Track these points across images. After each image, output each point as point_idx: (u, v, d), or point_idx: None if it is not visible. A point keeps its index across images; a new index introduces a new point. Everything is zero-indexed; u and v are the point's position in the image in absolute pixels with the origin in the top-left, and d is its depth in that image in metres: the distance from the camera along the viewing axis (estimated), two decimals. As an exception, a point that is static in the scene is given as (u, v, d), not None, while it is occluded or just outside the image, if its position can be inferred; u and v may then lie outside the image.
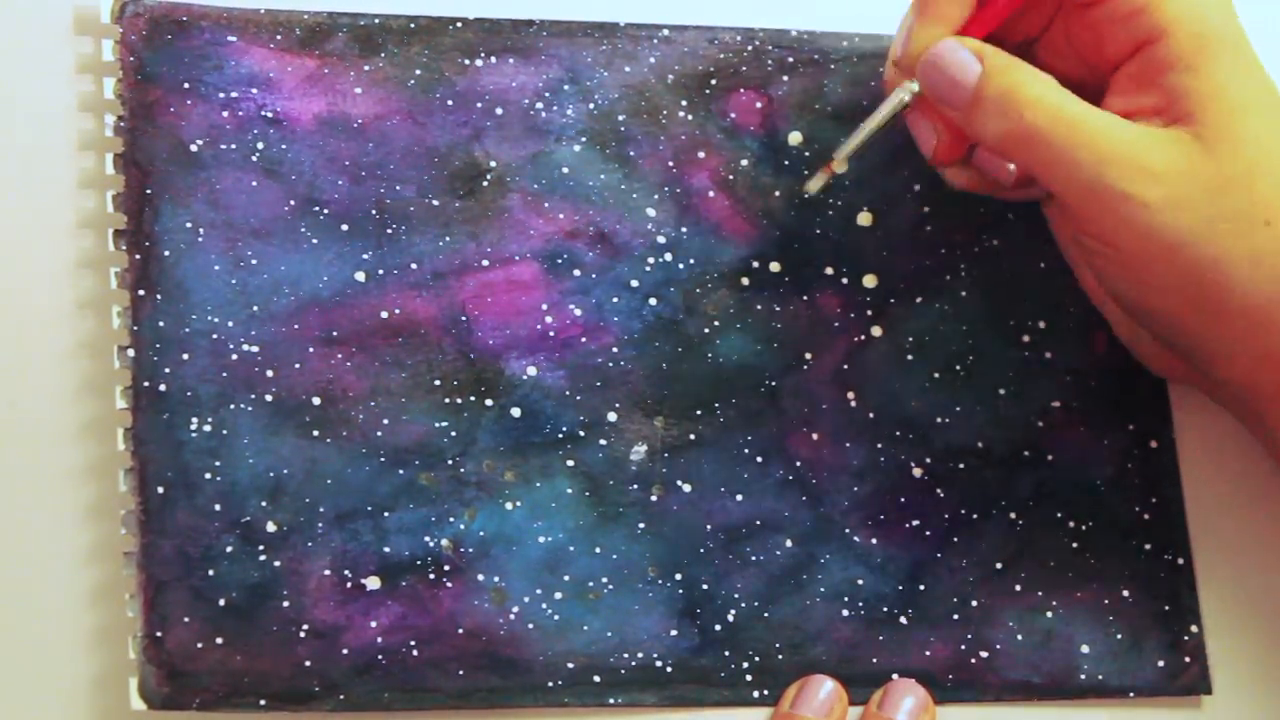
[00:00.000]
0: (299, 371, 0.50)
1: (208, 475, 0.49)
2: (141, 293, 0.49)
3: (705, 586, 0.51)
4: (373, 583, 0.49)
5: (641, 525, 0.51)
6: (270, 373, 0.50)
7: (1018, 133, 0.46)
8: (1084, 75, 0.49)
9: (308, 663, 0.49)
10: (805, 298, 0.53)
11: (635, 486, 0.51)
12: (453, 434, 0.50)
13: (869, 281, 0.53)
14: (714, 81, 0.53)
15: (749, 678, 0.51)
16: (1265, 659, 0.53)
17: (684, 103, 0.53)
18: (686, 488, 0.51)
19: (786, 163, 0.53)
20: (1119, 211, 0.45)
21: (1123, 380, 0.54)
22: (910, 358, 0.53)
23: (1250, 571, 0.54)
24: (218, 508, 0.49)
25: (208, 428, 0.49)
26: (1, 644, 0.49)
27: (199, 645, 0.48)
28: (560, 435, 0.51)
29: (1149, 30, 0.45)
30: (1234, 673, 0.52)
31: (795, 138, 0.54)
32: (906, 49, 0.49)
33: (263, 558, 0.49)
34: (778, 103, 0.54)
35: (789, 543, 0.51)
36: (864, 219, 0.54)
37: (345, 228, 0.51)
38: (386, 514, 0.50)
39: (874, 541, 0.52)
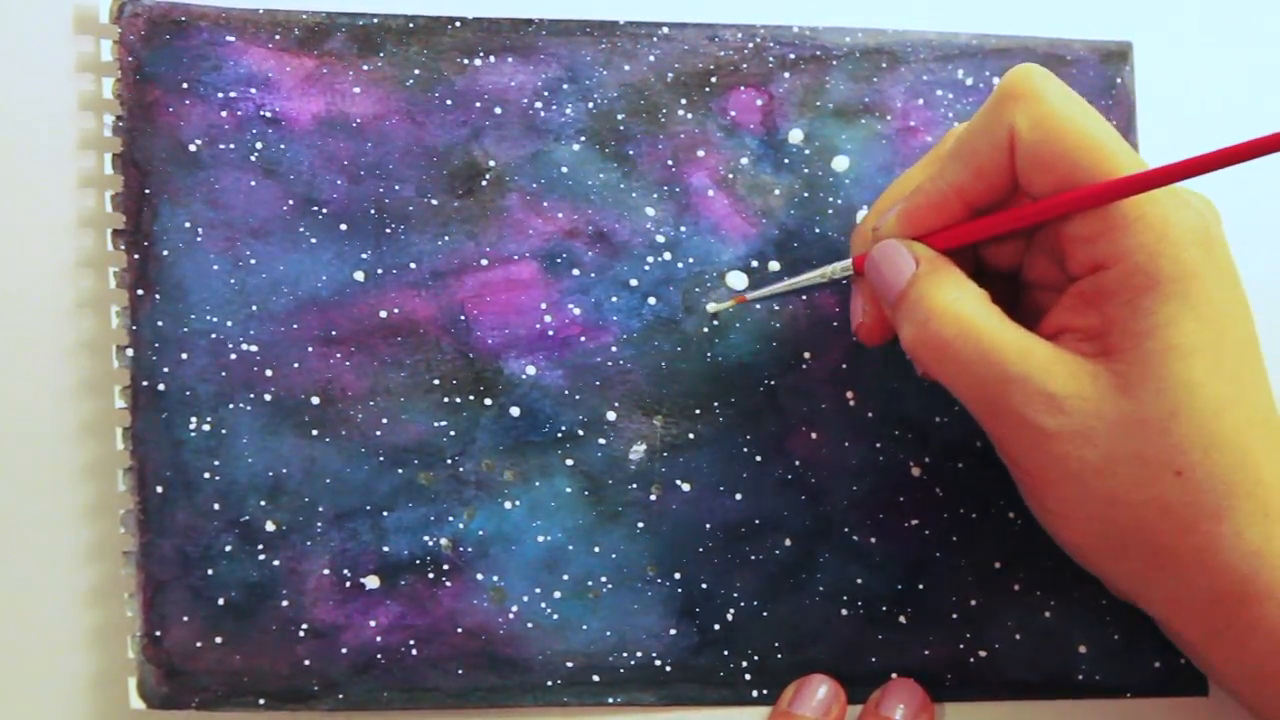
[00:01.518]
0: (298, 371, 0.50)
1: (207, 475, 0.49)
2: (140, 292, 0.49)
3: (704, 585, 0.51)
4: (372, 582, 0.49)
5: (640, 524, 0.51)
6: (269, 372, 0.50)
7: (924, 340, 0.45)
8: (1058, 284, 0.47)
9: (307, 662, 0.49)
10: (804, 297, 0.52)
11: (634, 486, 0.51)
12: (452, 433, 0.50)
13: (868, 280, 0.53)
14: (714, 79, 0.53)
15: (748, 677, 0.51)
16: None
17: (683, 101, 0.53)
18: (685, 487, 0.51)
19: (787, 161, 0.53)
20: (1020, 434, 0.44)
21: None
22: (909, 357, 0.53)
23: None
24: (217, 507, 0.49)
25: (206, 427, 0.49)
26: (1, 644, 0.49)
27: (198, 644, 0.49)
28: (559, 434, 0.51)
29: (1104, 254, 0.43)
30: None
31: (796, 135, 0.54)
32: (871, 233, 0.48)
33: (262, 557, 0.49)
34: (779, 100, 0.54)
35: (788, 542, 0.51)
36: (863, 217, 0.53)
37: (344, 227, 0.51)
38: (385, 513, 0.50)
39: (873, 541, 0.52)
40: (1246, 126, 0.56)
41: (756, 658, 0.51)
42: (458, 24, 0.52)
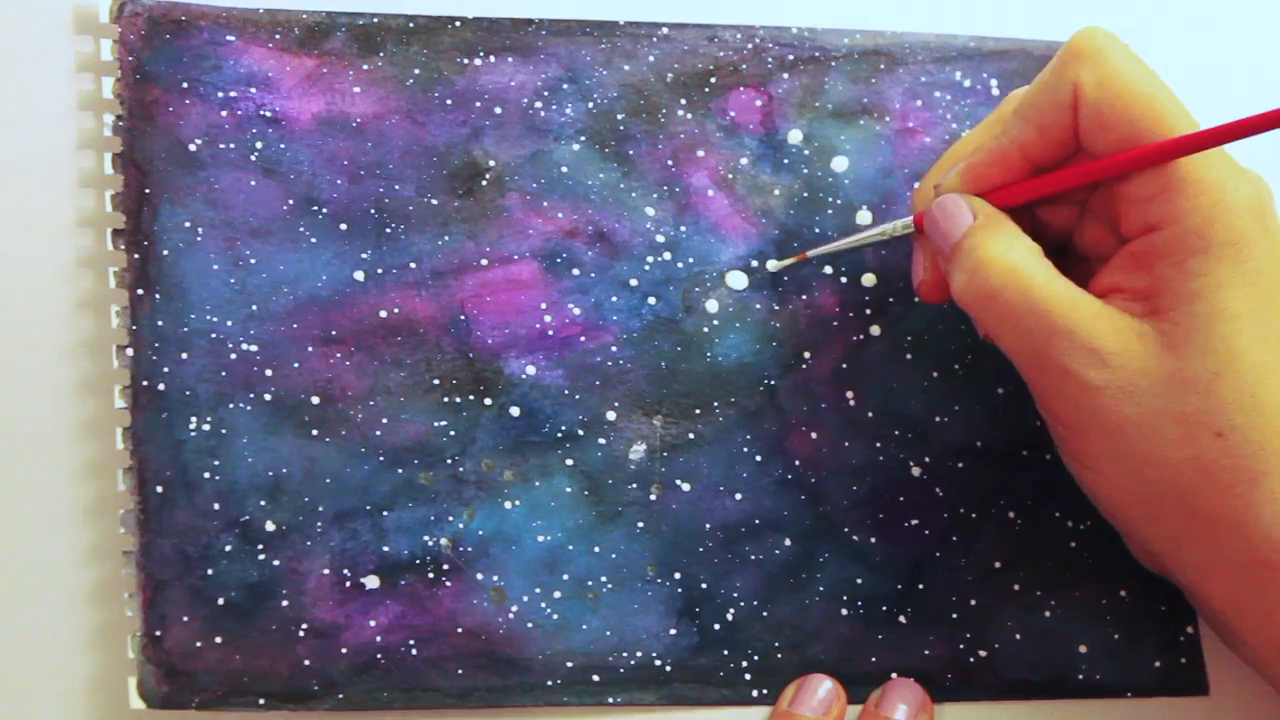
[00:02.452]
0: (298, 371, 0.50)
1: (206, 474, 0.49)
2: (140, 292, 0.49)
3: (704, 585, 0.51)
4: (372, 582, 0.49)
5: (640, 524, 0.51)
6: (269, 372, 0.50)
7: (975, 289, 0.45)
8: (1111, 249, 0.47)
9: (307, 662, 0.49)
10: (804, 296, 0.53)
11: (634, 486, 0.51)
12: (452, 433, 0.50)
13: (868, 280, 0.53)
14: (714, 80, 0.53)
15: (748, 677, 0.51)
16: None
17: (683, 101, 0.53)
18: (685, 487, 0.51)
19: (786, 161, 0.53)
20: (1063, 387, 0.44)
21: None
22: (909, 357, 0.53)
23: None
24: (217, 507, 0.49)
25: (206, 427, 0.49)
26: (1, 644, 0.49)
27: (198, 644, 0.48)
28: (559, 434, 0.51)
29: (1159, 215, 0.43)
30: (1230, 673, 0.52)
31: (795, 136, 0.54)
32: (927, 189, 0.49)
33: (262, 557, 0.49)
34: (778, 101, 0.54)
35: (788, 542, 0.51)
36: (863, 217, 0.53)
37: (344, 227, 0.51)
38: (385, 513, 0.50)
39: (873, 540, 0.52)
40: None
41: (756, 658, 0.51)
42: (458, 24, 0.52)
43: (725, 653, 0.51)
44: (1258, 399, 0.42)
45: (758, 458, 0.52)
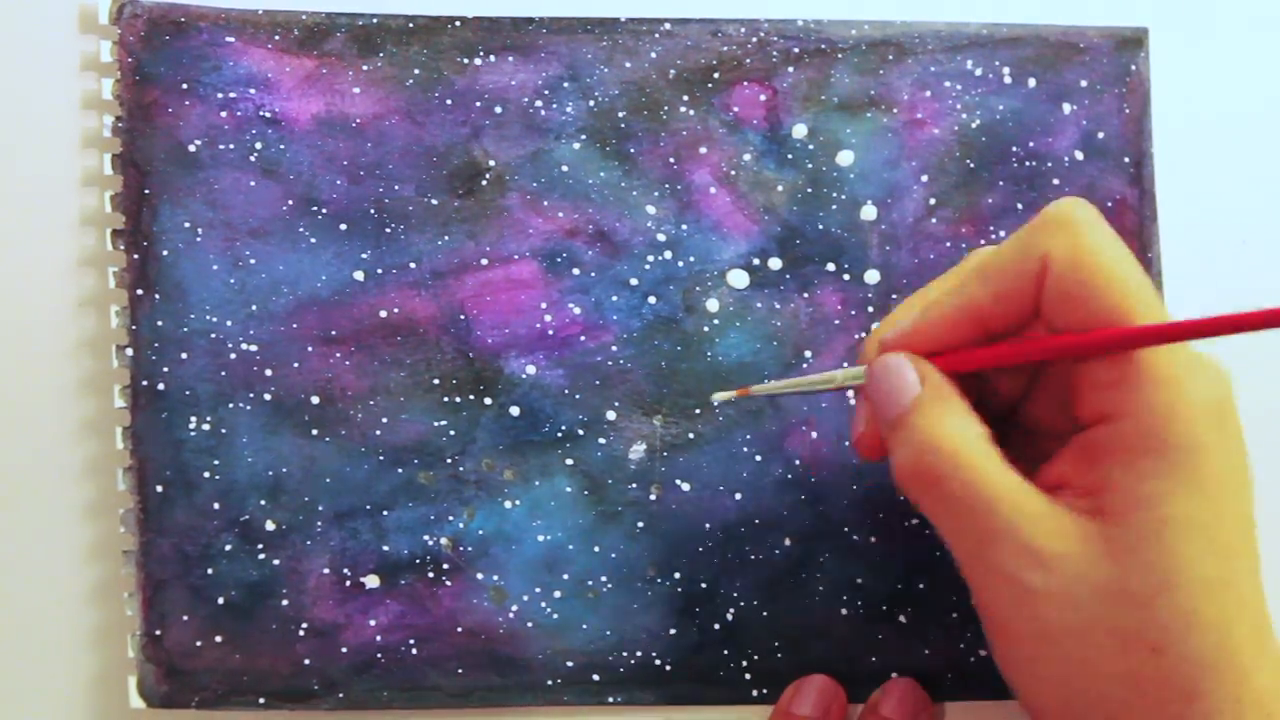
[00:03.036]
0: (298, 371, 0.50)
1: (206, 474, 0.49)
2: (140, 292, 0.50)
3: (704, 585, 0.51)
4: (372, 581, 0.50)
5: (640, 524, 0.51)
6: (269, 372, 0.50)
7: (917, 472, 0.43)
8: (1061, 428, 0.45)
9: (307, 661, 0.49)
10: (805, 295, 0.52)
11: (634, 485, 0.51)
12: (452, 433, 0.50)
13: (871, 278, 0.53)
14: (717, 75, 0.53)
15: (748, 676, 0.51)
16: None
17: (685, 98, 0.53)
18: (685, 486, 0.51)
19: (790, 156, 0.53)
20: (999, 586, 0.41)
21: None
22: (911, 356, 0.53)
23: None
24: (216, 506, 0.49)
25: (206, 426, 0.49)
26: (1, 644, 0.50)
27: (198, 644, 0.49)
28: (559, 434, 0.51)
29: (1115, 406, 0.41)
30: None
31: (800, 130, 0.53)
32: (876, 343, 0.46)
33: (262, 556, 0.49)
34: (783, 95, 0.53)
35: (788, 542, 0.51)
36: (867, 213, 0.53)
37: (344, 227, 0.51)
38: (385, 513, 0.50)
39: (873, 540, 0.51)
40: (1264, 116, 0.56)
41: (756, 657, 0.51)
42: (457, 23, 0.52)
43: (725, 652, 0.51)
44: (1199, 615, 0.40)
45: (758, 458, 0.51)
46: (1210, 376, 0.41)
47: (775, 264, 0.52)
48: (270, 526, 0.49)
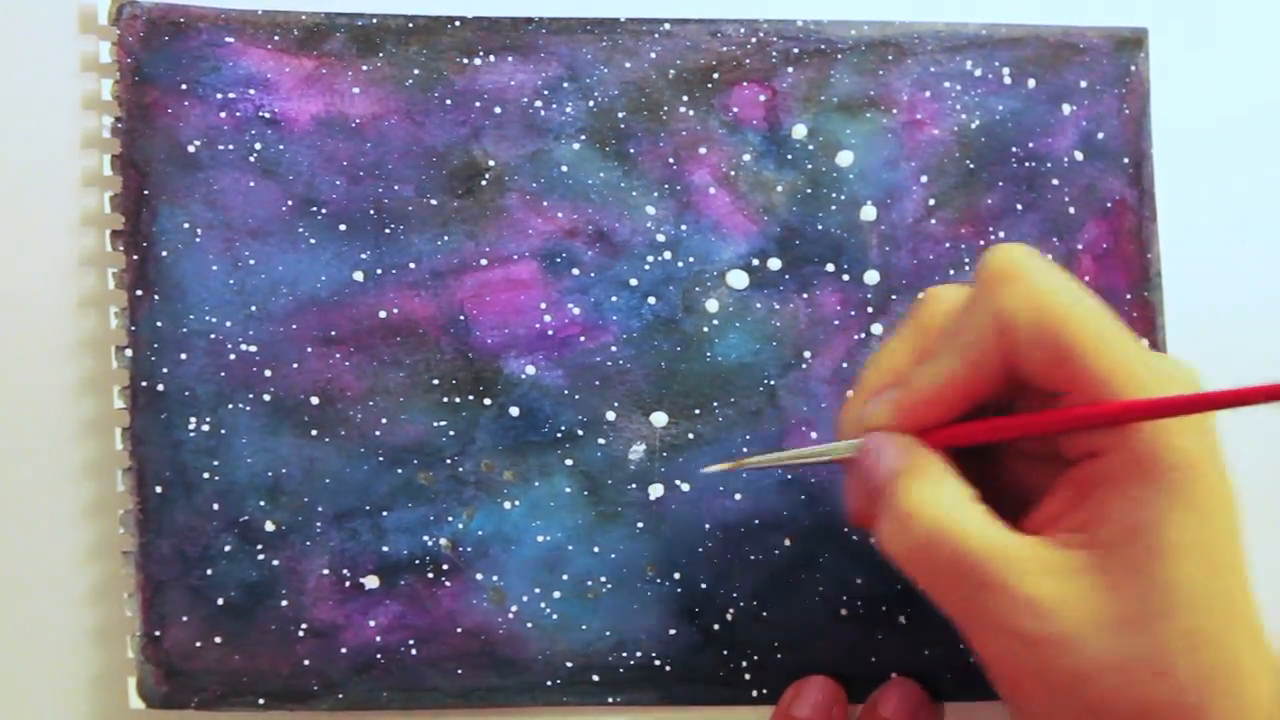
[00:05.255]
0: (297, 371, 0.50)
1: (206, 475, 0.49)
2: (139, 293, 0.50)
3: (704, 586, 0.51)
4: (371, 582, 0.50)
5: (640, 524, 0.51)
6: (268, 372, 0.50)
7: (901, 543, 0.42)
8: (1047, 458, 0.45)
9: (306, 662, 0.49)
10: (805, 295, 0.52)
11: (634, 486, 0.51)
12: (451, 433, 0.50)
13: (870, 278, 0.53)
14: (716, 75, 0.53)
15: (748, 677, 0.51)
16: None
17: (685, 98, 0.53)
18: (685, 487, 0.51)
19: (790, 157, 0.53)
20: (999, 640, 0.41)
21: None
22: (911, 355, 0.53)
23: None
24: (216, 507, 0.49)
25: (206, 427, 0.49)
26: (1, 644, 0.50)
27: (197, 644, 0.49)
28: (559, 434, 0.51)
29: (1102, 441, 0.41)
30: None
31: (800, 130, 0.53)
32: (861, 419, 0.45)
33: (261, 557, 0.49)
34: (782, 95, 0.53)
35: (788, 542, 0.51)
36: (867, 213, 0.53)
37: (343, 227, 0.51)
38: (385, 513, 0.50)
39: (872, 541, 0.51)
40: (1264, 117, 0.56)
41: (756, 657, 0.51)
42: (457, 23, 0.52)
43: (725, 653, 0.51)
44: (1199, 633, 0.40)
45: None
46: (1187, 388, 0.41)
47: (775, 264, 0.52)
48: (270, 527, 0.49)
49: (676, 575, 0.51)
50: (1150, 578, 0.39)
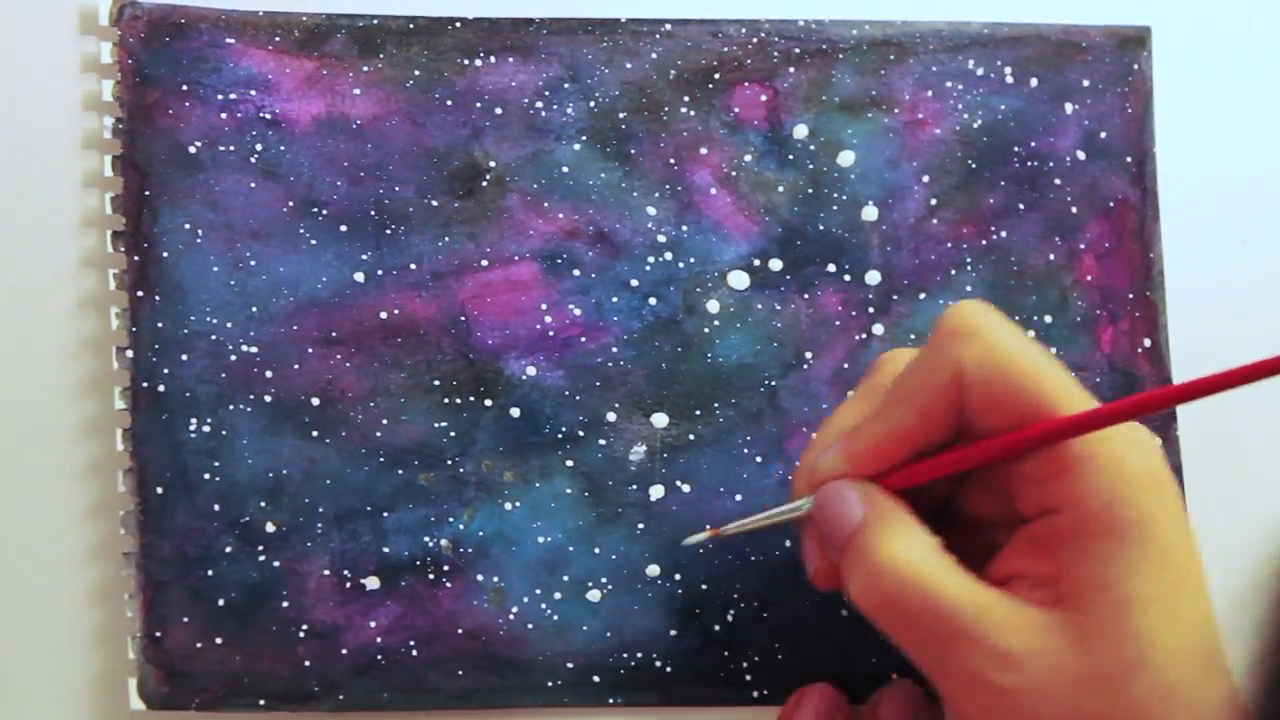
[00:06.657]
0: (298, 372, 0.50)
1: (207, 476, 0.49)
2: (140, 294, 0.50)
3: (704, 587, 0.51)
4: (372, 583, 0.50)
5: (641, 525, 0.51)
6: (269, 373, 0.50)
7: (871, 594, 0.42)
8: (1000, 517, 0.45)
9: (307, 663, 0.49)
10: (806, 296, 0.52)
11: (634, 486, 0.51)
12: (452, 434, 0.50)
13: (871, 278, 0.53)
14: (718, 76, 0.53)
15: (748, 678, 0.51)
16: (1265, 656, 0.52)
17: (686, 98, 0.53)
18: (686, 488, 0.51)
19: (791, 157, 0.53)
20: (972, 691, 0.41)
21: (1127, 378, 0.53)
22: (912, 356, 0.53)
23: (1250, 568, 0.53)
24: (217, 508, 0.49)
25: (207, 428, 0.50)
26: (1, 644, 0.50)
27: (198, 645, 0.49)
28: (559, 435, 0.51)
29: (1057, 498, 0.41)
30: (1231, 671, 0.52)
31: (801, 130, 0.53)
32: (814, 471, 0.45)
33: (262, 558, 0.49)
34: (783, 95, 0.53)
35: (788, 542, 0.51)
36: (868, 213, 0.53)
37: (344, 228, 0.51)
38: (386, 514, 0.50)
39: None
40: (1266, 116, 0.56)
41: (757, 658, 0.51)
42: (458, 24, 0.52)
43: (725, 654, 0.51)
44: (1170, 686, 0.39)
45: (758, 459, 0.51)
46: (1141, 447, 0.41)
47: (776, 265, 0.52)
48: (270, 528, 0.50)
49: (677, 576, 0.51)
50: (1120, 632, 0.39)
